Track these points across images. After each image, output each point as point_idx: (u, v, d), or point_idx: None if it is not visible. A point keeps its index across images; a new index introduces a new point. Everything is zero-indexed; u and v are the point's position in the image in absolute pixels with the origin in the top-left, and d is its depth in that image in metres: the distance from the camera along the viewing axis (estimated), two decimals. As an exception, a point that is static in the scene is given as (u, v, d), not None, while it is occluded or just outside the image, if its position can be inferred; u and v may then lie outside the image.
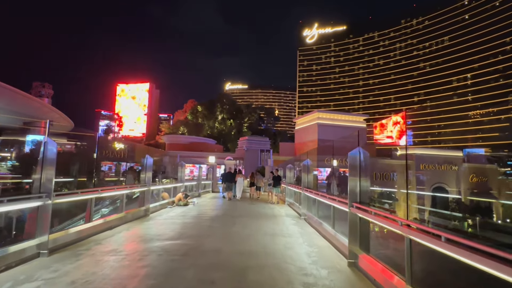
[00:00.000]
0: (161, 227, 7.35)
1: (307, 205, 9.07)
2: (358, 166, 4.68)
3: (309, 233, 7.04)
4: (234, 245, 5.63)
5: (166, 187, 12.36)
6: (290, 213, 10.74)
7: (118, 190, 7.41)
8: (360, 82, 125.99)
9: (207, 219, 8.84)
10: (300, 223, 8.54)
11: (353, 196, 4.69)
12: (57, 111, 24.31)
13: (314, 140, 30.67)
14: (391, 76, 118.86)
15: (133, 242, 5.69)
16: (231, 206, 13.10)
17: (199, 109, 66.48)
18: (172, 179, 19.89)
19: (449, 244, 2.38)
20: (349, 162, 4.77)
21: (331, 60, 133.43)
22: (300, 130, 34.27)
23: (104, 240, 5.74)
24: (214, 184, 22.07)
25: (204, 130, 63.15)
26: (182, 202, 12.06)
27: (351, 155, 4.75)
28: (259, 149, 34.09)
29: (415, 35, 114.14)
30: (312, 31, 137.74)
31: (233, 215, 9.88)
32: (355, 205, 4.57)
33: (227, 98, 73.53)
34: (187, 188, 15.33)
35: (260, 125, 68.34)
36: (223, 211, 10.98)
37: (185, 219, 8.70)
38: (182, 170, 13.98)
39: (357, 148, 4.74)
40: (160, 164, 24.91)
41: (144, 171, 9.14)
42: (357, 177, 4.67)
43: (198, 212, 10.23)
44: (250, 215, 9.93)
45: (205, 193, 19.64)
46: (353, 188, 4.71)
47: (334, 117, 31.20)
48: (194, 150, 38.03)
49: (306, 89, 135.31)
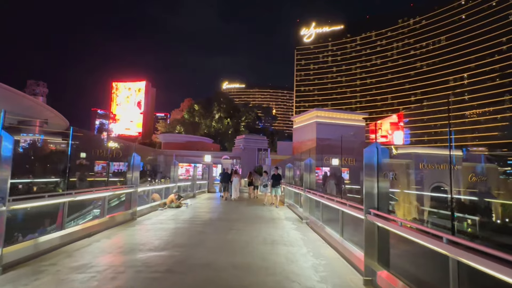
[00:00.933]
0: (147, 233, 6.55)
1: (309, 208, 8.31)
2: (375, 165, 3.92)
3: (313, 240, 6.28)
4: (228, 257, 4.85)
5: (157, 188, 11.53)
6: (290, 216, 9.98)
7: (98, 192, 6.58)
8: (358, 81, 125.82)
9: (199, 223, 8.05)
10: (302, 227, 7.78)
11: (370, 200, 3.93)
12: (52, 109, 23.82)
13: (312, 139, 29.97)
14: (388, 75, 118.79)
15: (110, 253, 4.89)
16: (227, 208, 12.33)
17: (196, 108, 65.60)
18: (168, 179, 19.10)
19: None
20: (365, 160, 4.01)
21: (329, 59, 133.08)
22: (298, 129, 33.55)
23: (77, 251, 4.93)
24: (210, 184, 21.26)
25: (201, 129, 62.29)
26: (174, 204, 11.26)
27: (367, 151, 3.99)
28: (257, 148, 33.31)
29: (412, 34, 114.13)
30: (309, 30, 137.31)
31: (228, 219, 9.10)
32: (373, 212, 3.81)
33: (224, 96, 72.69)
34: (181, 188, 14.53)
35: (258, 124, 67.58)
36: (218, 214, 10.19)
37: (175, 223, 7.90)
38: (175, 170, 13.18)
39: (373, 144, 3.98)
40: (156, 164, 24.06)
41: (130, 170, 8.34)
42: (375, 177, 3.91)
43: (190, 215, 9.44)
44: (247, 219, 9.16)
45: (201, 193, 18.85)
46: (369, 191, 3.95)
47: (333, 115, 30.52)
48: (191, 149, 37.19)
49: (303, 88, 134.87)
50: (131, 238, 6.08)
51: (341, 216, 5.35)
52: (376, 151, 3.93)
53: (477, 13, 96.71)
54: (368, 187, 3.97)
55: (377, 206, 3.87)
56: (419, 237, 2.81)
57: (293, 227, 7.83)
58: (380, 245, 3.79)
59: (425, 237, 2.71)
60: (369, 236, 3.89)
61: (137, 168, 8.47)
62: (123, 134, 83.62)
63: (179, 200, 11.75)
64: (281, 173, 15.83)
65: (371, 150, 3.97)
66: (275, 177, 12.66)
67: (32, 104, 22.84)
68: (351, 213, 4.60)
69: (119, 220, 7.57)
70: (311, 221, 7.94)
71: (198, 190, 18.67)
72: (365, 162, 4.00)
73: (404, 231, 3.11)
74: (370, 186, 3.95)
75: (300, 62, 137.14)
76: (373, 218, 3.80)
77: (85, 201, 8.10)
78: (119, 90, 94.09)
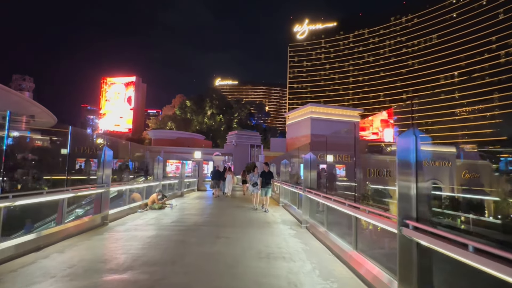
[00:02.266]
0: (114, 245, 5.34)
1: (309, 210, 7.23)
2: (413, 159, 2.83)
3: (317, 252, 5.19)
4: (212, 281, 3.71)
5: (136, 187, 10.26)
6: (287, 218, 8.87)
7: (53, 194, 5.32)
8: (350, 78, 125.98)
9: (182, 230, 6.86)
10: (302, 233, 6.69)
11: (406, 208, 2.85)
12: (39, 105, 22.55)
13: (307, 135, 29.00)
14: (381, 73, 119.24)
15: (53, 277, 3.67)
16: (216, 209, 11.16)
17: (188, 104, 63.96)
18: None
19: None
20: (399, 152, 2.91)
21: (322, 56, 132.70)
22: (292, 125, 32.51)
23: (11, 274, 3.71)
24: (200, 182, 19.99)
25: (193, 125, 60.75)
26: (157, 204, 10.03)
27: (402, 140, 2.89)
28: (249, 144, 32.14)
29: (404, 32, 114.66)
30: (302, 27, 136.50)
31: (217, 223, 7.94)
32: (412, 225, 2.73)
33: (216, 93, 71.18)
34: (166, 187, 13.29)
35: (250, 121, 66.36)
36: (206, 217, 9.01)
37: (153, 229, 6.70)
38: (159, 167, 11.91)
39: (410, 131, 2.89)
40: (143, 161, 22.63)
41: (101, 167, 7.08)
42: (412, 176, 2.82)
43: (173, 219, 8.24)
44: (239, 223, 8.02)
45: (190, 192, 17.61)
46: (405, 195, 2.86)
47: (328, 111, 29.53)
48: (181, 145, 35.82)
49: (296, 85, 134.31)
50: (92, 251, 4.87)
51: (355, 225, 4.27)
52: (414, 140, 2.84)
53: (467, 12, 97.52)
54: (402, 189, 2.88)
55: (416, 216, 2.79)
56: None
57: (292, 233, 6.73)
58: (421, 268, 2.71)
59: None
60: (405, 257, 2.81)
61: (109, 164, 7.22)
62: (113, 131, 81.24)
63: (163, 200, 10.55)
64: (275, 170, 14.75)
65: (407, 139, 2.87)
66: (266, 175, 10.56)
67: (18, 100, 21.36)
68: (374, 222, 3.52)
69: (85, 226, 6.32)
70: (312, 225, 6.87)
71: (187, 189, 17.44)
72: (399, 155, 2.90)
73: (473, 258, 2.03)
74: (406, 188, 2.86)
75: (293, 59, 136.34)
76: (411, 233, 2.71)
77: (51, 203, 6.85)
78: (108, 86, 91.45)
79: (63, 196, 5.54)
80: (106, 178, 7.11)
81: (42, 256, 4.49)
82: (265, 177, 10.52)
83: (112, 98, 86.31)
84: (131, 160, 22.07)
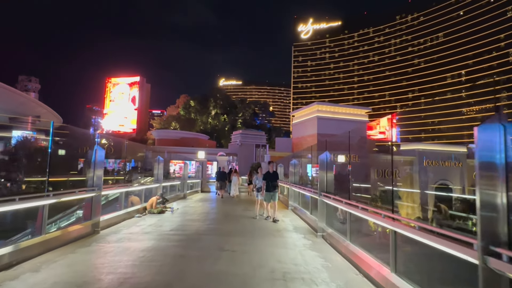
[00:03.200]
0: (101, 260, 4.54)
1: (326, 217, 6.37)
2: (500, 158, 1.98)
3: (341, 270, 4.34)
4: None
5: (133, 189, 9.49)
6: (299, 225, 8.00)
7: (26, 201, 4.51)
8: (355, 78, 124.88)
9: (181, 240, 6.05)
10: (319, 245, 5.83)
11: (492, 229, 1.99)
12: (45, 106, 22.56)
13: (313, 135, 28.10)
14: (386, 72, 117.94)
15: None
16: (220, 214, 10.31)
17: (192, 104, 63.42)
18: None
19: None
20: (479, 150, 2.06)
21: (326, 56, 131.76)
22: (298, 124, 31.61)
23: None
24: (203, 183, 19.19)
25: (197, 125, 60.18)
26: (156, 209, 9.27)
27: (483, 132, 2.04)
28: (254, 144, 31.30)
29: (410, 31, 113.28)
30: (307, 27, 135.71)
31: (221, 231, 7.11)
32: (506, 254, 1.88)
33: (220, 92, 70.58)
34: (167, 189, 12.53)
35: (255, 121, 65.57)
36: (209, 223, 8.20)
37: (148, 240, 5.89)
38: (159, 167, 11.09)
39: (494, 116, 2.04)
40: (148, 161, 21.94)
41: (91, 168, 6.30)
42: (498, 180, 1.98)
43: (173, 226, 7.45)
44: (246, 231, 7.18)
45: (193, 193, 16.85)
46: (489, 210, 2.00)
47: (335, 109, 28.55)
48: (186, 145, 35.20)
49: (301, 85, 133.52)
50: (72, 270, 4.06)
51: (393, 241, 3.41)
52: (501, 130, 1.99)
53: (475, 9, 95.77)
54: (487, 202, 2.02)
55: (509, 241, 1.94)
56: None
57: (307, 244, 5.87)
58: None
59: None
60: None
61: (101, 165, 6.46)
62: (117, 131, 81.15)
63: (164, 204, 9.78)
64: (282, 171, 13.90)
65: (491, 132, 2.02)
66: (270, 177, 8.61)
67: (24, 100, 21.21)
68: (430, 243, 2.65)
69: (72, 236, 5.55)
70: (329, 234, 6.01)
71: (190, 190, 16.69)
72: (480, 153, 2.05)
73: None
74: (491, 199, 2.01)
75: (297, 59, 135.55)
76: (504, 267, 1.87)
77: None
78: (113, 86, 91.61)
79: (41, 203, 4.76)
80: (97, 180, 6.35)
81: (10, 276, 3.71)
82: (270, 179, 8.60)
83: (117, 98, 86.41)
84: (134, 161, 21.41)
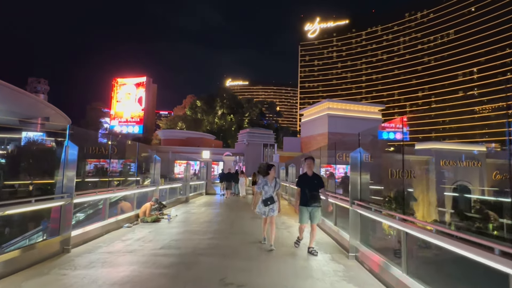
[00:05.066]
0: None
1: (361, 233, 5.20)
2: None
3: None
4: None
5: (119, 195, 7.99)
6: (321, 238, 6.57)
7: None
8: (363, 77, 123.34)
9: (172, 264, 4.65)
10: (355, 270, 4.52)
11: None
12: (53, 107, 22.88)
13: (323, 134, 27.32)
14: (395, 71, 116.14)
15: None
16: (225, 223, 8.70)
17: (198, 104, 63.24)
18: (164, 179, 16.53)
19: None
20: None
21: (333, 55, 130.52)
22: (307, 123, 30.85)
23: None
24: (208, 184, 18.29)
25: (203, 125, 59.95)
26: (150, 217, 8.14)
27: None
28: (262, 143, 30.65)
29: (419, 28, 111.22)
30: (313, 26, 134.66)
31: (225, 251, 5.59)
32: None
33: (227, 92, 70.29)
34: (166, 192, 11.48)
35: (262, 120, 65.01)
36: (210, 238, 6.60)
37: (128, 264, 4.53)
38: (156, 167, 9.85)
39: None
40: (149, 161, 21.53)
41: (60, 170, 5.12)
42: None
43: (165, 241, 6.09)
44: (257, 250, 5.60)
45: (196, 196, 15.78)
46: None
47: (346, 107, 27.65)
48: (192, 145, 34.83)
49: (307, 84, 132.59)
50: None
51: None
52: None
53: (487, 5, 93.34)
54: None
55: None
56: None
57: (339, 270, 4.51)
58: None
59: None
60: None
61: (72, 166, 5.19)
62: (123, 132, 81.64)
63: (159, 211, 8.61)
64: (294, 172, 13.18)
65: None
66: (310, 183, 5.54)
67: (33, 102, 21.15)
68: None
69: (33, 258, 4.27)
70: (366, 255, 4.70)
71: (194, 192, 15.63)
72: None
73: None
74: None
75: (304, 58, 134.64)
76: None
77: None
78: (119, 87, 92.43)
79: None
80: (67, 184, 5.09)
81: None
82: (309, 187, 5.46)
83: (123, 99, 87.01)
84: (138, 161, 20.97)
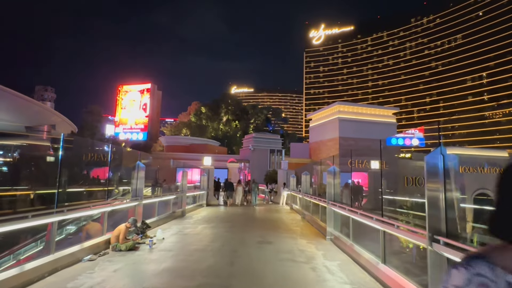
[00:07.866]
0: None
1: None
2: None
3: None
4: None
5: (87, 214, 6.05)
6: (360, 279, 4.96)
7: None
8: (369, 83, 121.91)
9: None
10: None
11: None
12: (60, 115, 22.97)
13: (334, 139, 25.65)
14: (401, 76, 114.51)
15: None
16: (224, 253, 6.35)
17: (203, 110, 62.26)
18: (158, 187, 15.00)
19: None
20: None
21: (339, 61, 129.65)
22: (316, 128, 29.27)
23: None
24: (210, 194, 16.14)
25: (208, 132, 58.79)
26: (124, 243, 6.16)
27: None
28: (269, 149, 29.03)
29: (426, 33, 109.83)
30: (318, 32, 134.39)
31: None
32: None
33: (232, 98, 69.31)
34: (155, 207, 9.30)
35: (267, 127, 63.62)
36: (198, 284, 4.52)
37: None
38: (138, 176, 7.78)
39: None
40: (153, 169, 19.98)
41: None
42: None
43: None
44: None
45: (195, 209, 13.67)
46: None
47: (358, 110, 26.01)
48: (195, 152, 33.45)
49: (313, 91, 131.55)
50: None
51: None
52: None
53: (495, 9, 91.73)
54: None
55: None
56: None
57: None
58: None
59: None
60: None
61: None
62: (128, 139, 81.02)
63: (139, 235, 6.74)
64: (304, 181, 11.62)
65: None
66: None
67: (40, 110, 20.79)
68: None
69: None
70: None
71: (193, 204, 13.64)
72: None
73: None
74: None
75: (309, 65, 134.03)
76: None
77: None
78: (124, 93, 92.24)
79: None
80: None
81: None
82: None
83: (128, 105, 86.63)
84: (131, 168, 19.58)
